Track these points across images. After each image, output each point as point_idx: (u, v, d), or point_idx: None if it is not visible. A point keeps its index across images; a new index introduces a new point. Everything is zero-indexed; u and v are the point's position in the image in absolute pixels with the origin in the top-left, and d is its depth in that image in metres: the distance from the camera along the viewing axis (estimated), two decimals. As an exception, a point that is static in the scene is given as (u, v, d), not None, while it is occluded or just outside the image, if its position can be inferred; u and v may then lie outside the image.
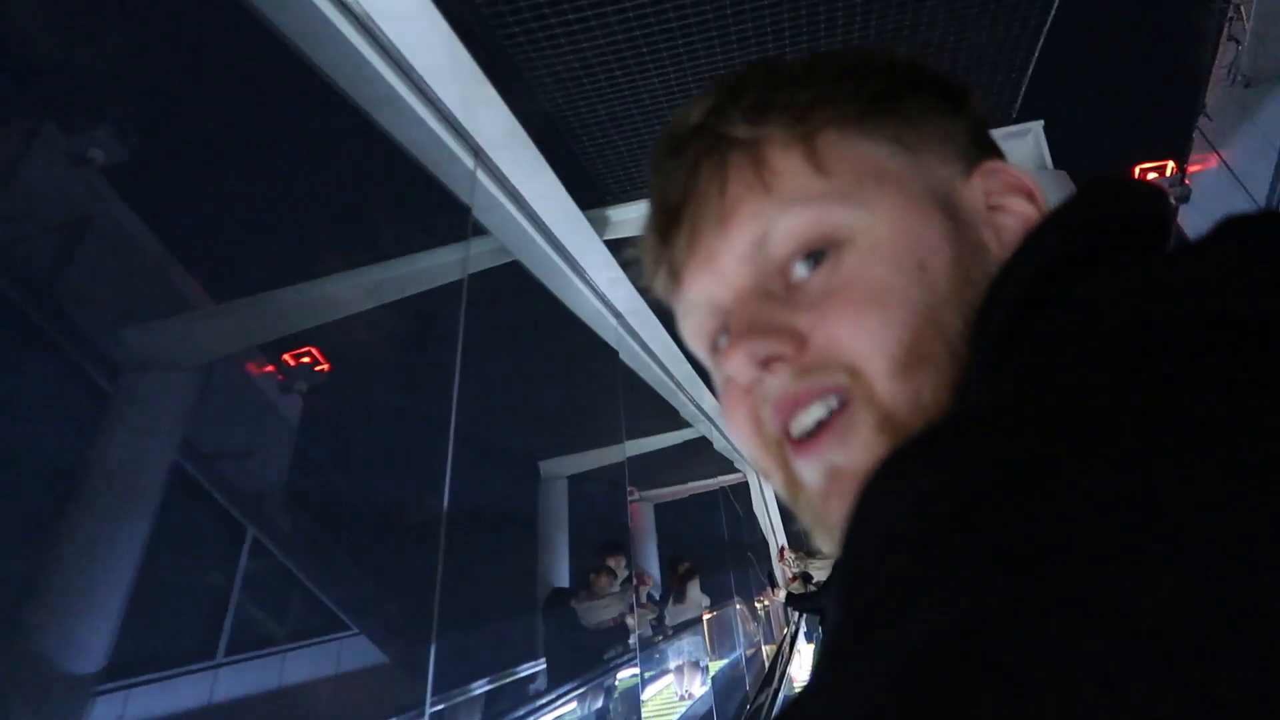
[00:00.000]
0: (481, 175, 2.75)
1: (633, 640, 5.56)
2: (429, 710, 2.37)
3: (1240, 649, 0.13)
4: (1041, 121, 3.32)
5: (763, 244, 0.36)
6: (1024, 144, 3.34)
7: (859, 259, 0.34)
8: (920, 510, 0.20)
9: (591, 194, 3.49)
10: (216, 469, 6.46)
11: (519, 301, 4.49)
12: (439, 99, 2.59)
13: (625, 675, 5.53)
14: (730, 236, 0.37)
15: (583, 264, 3.72)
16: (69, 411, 4.47)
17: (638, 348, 4.94)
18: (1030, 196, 0.38)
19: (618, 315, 4.40)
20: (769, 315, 0.35)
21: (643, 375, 5.66)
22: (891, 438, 0.32)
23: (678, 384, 6.09)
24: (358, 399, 7.90)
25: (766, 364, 0.35)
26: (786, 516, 8.57)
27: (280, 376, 6.91)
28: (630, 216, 3.61)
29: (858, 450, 0.33)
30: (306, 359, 6.99)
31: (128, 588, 3.64)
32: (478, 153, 2.72)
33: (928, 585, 0.17)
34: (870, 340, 0.32)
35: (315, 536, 7.60)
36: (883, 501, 0.22)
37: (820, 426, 0.34)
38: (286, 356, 7.00)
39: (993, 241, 0.36)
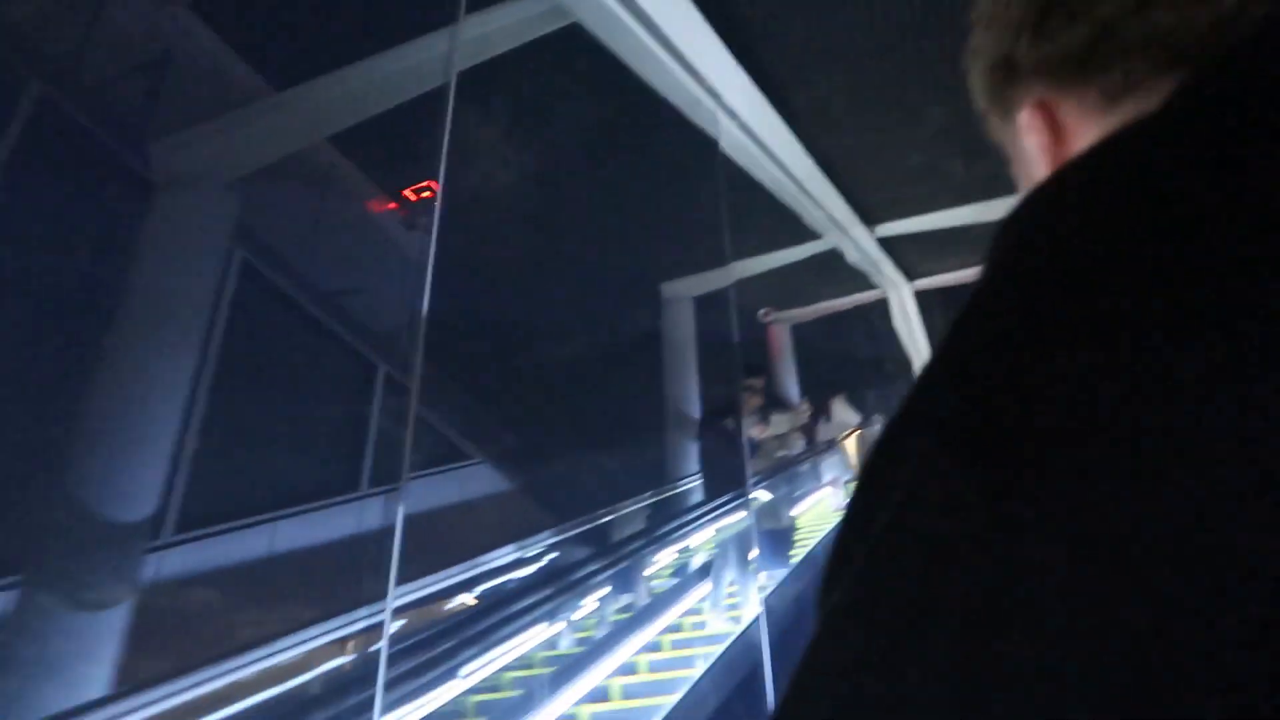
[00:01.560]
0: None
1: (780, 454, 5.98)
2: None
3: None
4: None
5: None
6: None
7: None
8: (852, 502, 0.24)
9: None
10: (344, 310, 6.54)
11: (593, 82, 3.81)
12: None
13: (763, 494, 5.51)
14: None
15: (658, 21, 2.96)
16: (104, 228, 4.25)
17: (745, 138, 4.16)
18: None
19: (714, 95, 3.63)
20: None
21: (754, 174, 4.88)
22: None
23: (799, 185, 5.25)
24: (479, 235, 7.70)
25: None
26: (931, 332, 7.99)
27: (403, 213, 6.78)
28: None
29: None
30: (428, 194, 6.77)
31: (176, 428, 3.49)
32: None
33: (835, 576, 0.22)
34: None
35: (440, 372, 7.76)
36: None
37: None
38: (407, 192, 6.83)
39: None
